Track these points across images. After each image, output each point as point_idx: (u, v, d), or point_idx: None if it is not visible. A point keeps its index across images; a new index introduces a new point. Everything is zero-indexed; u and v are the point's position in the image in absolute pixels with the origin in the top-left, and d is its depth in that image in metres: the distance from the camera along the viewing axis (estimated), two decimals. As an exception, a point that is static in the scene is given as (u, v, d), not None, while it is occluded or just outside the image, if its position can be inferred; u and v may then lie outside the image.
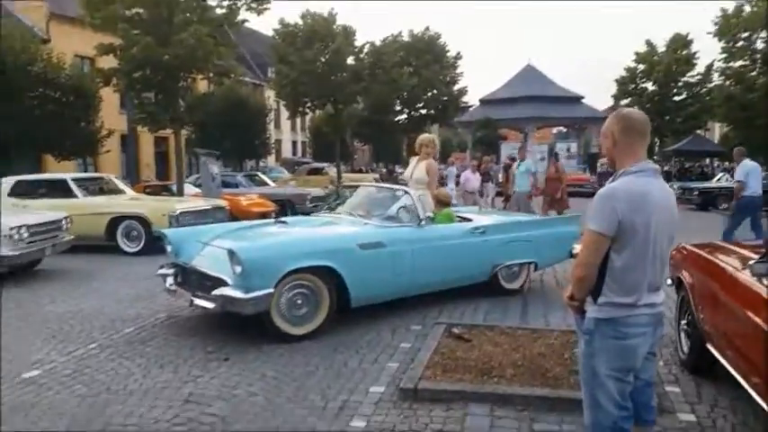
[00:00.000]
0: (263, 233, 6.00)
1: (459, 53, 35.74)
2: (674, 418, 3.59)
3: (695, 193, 19.05)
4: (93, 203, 10.54)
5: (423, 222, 5.94)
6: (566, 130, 45.10)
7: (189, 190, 16.00)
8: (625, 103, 32.17)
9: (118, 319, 5.83)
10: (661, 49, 32.91)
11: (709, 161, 33.55)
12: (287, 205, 14.56)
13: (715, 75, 28.76)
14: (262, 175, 19.87)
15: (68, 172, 15.55)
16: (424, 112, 36.04)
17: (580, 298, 2.50)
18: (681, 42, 32.29)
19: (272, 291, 4.87)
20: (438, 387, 3.92)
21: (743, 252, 4.07)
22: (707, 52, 37.49)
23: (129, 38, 15.14)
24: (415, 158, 7.43)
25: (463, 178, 14.54)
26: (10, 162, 15.21)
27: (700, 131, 33.16)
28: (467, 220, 6.89)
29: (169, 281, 5.60)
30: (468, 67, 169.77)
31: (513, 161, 14.67)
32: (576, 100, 39.58)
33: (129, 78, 15.87)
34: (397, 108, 35.56)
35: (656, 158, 29.42)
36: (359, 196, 6.98)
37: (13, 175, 11.14)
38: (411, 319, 5.71)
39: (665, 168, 27.63)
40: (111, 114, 20.57)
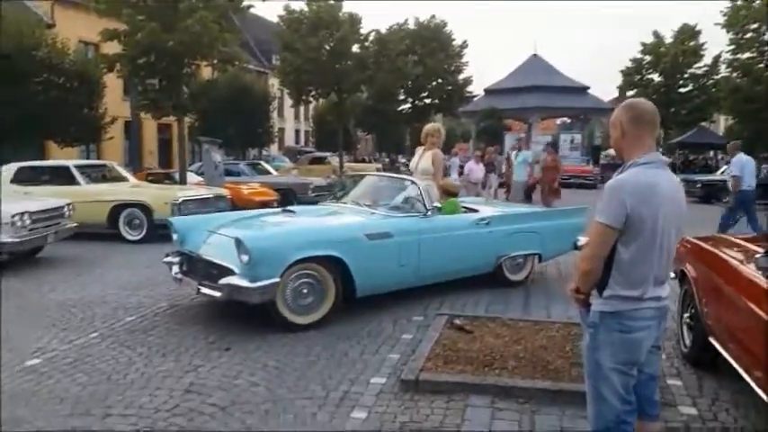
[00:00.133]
0: (269, 222, 5.98)
1: (465, 41, 35.67)
2: (675, 411, 3.59)
3: (698, 185, 18.99)
4: (96, 191, 10.51)
5: (429, 212, 5.93)
6: (570, 121, 44.84)
7: (191, 178, 15.95)
8: (631, 94, 31.98)
9: (120, 308, 5.83)
10: (668, 40, 32.70)
11: (713, 154, 33.41)
12: (289, 194, 14.51)
13: (722, 66, 28.60)
14: (264, 164, 19.81)
15: (71, 159, 15.58)
16: (428, 101, 35.95)
17: (585, 291, 2.47)
18: (688, 33, 32.12)
19: (278, 280, 4.87)
20: (439, 378, 3.91)
21: (747, 245, 4.06)
22: (714, 44, 37.25)
23: (134, 24, 15.04)
24: (420, 149, 7.40)
25: (467, 169, 14.54)
26: (13, 148, 15.16)
27: (705, 124, 33.03)
28: (473, 210, 6.88)
29: (175, 269, 5.61)
30: (474, 56, 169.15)
31: (515, 150, 14.76)
32: (582, 90, 39.28)
33: (134, 64, 15.78)
34: (401, 97, 35.44)
35: (661, 150, 29.25)
36: (365, 185, 6.96)
37: (15, 162, 11.11)
38: (413, 310, 5.71)
39: (669, 160, 27.52)
40: (114, 101, 20.49)
